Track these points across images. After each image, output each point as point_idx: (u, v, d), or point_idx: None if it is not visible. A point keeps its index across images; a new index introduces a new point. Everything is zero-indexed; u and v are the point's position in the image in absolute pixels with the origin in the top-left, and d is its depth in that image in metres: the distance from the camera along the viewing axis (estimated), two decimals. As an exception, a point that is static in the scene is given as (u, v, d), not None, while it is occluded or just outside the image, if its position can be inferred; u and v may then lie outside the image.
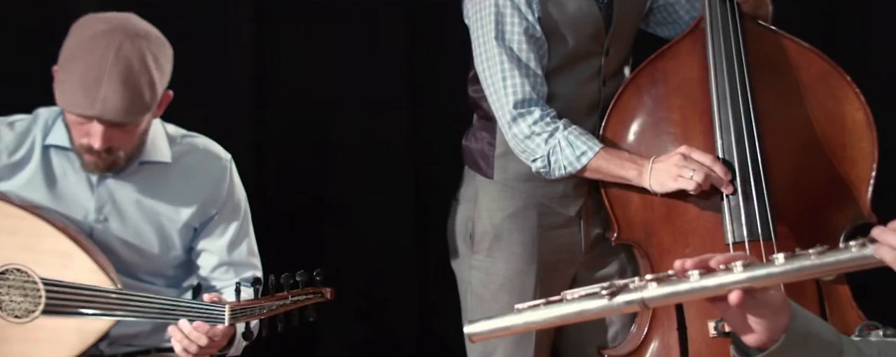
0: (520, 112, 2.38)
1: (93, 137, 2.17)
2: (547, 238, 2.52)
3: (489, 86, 2.41)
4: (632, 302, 1.37)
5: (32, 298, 2.24)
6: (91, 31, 2.16)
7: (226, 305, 2.20)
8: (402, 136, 3.09)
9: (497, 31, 2.37)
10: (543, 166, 2.40)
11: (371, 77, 3.05)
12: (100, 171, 2.24)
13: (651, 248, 2.47)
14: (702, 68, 2.46)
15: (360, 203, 3.08)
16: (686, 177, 2.35)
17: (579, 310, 1.36)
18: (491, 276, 2.52)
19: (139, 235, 2.34)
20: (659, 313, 2.47)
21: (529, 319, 1.35)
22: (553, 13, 2.40)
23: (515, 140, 2.41)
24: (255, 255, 2.45)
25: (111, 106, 2.12)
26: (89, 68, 2.13)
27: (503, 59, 2.37)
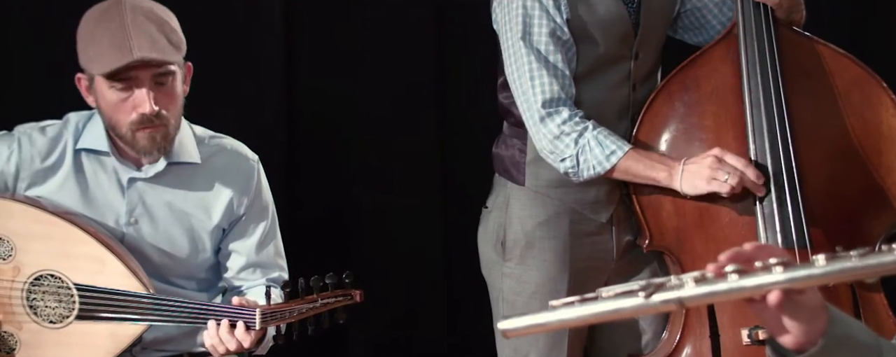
0: (548, 111, 2.34)
1: (141, 103, 2.17)
2: (579, 245, 2.48)
3: (517, 87, 2.38)
4: (669, 301, 1.31)
5: (67, 304, 2.23)
6: (97, 11, 2.21)
7: (256, 309, 2.18)
8: (431, 142, 3.07)
9: (524, 32, 2.34)
10: (572, 166, 2.36)
11: (399, 83, 3.04)
12: (157, 147, 2.23)
13: (683, 254, 2.42)
14: (735, 74, 2.41)
15: (389, 208, 3.06)
16: (720, 179, 2.30)
17: (615, 308, 1.31)
18: (523, 283, 2.48)
19: (170, 238, 2.33)
20: (691, 321, 2.42)
21: (564, 317, 1.30)
22: (582, 15, 2.36)
23: (544, 140, 2.36)
24: (281, 256, 2.44)
25: (146, 45, 2.15)
26: (112, 32, 2.16)
27: (531, 60, 2.34)
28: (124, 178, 2.30)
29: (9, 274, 2.24)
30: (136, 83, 2.18)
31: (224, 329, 2.16)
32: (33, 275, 2.24)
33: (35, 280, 2.24)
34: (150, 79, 2.18)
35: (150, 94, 2.17)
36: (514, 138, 2.51)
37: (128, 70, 2.16)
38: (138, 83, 2.17)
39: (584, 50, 2.39)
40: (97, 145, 2.28)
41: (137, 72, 2.17)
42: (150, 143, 2.21)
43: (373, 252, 3.03)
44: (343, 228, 3.03)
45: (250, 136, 2.45)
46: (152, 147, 2.22)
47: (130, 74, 2.17)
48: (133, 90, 2.18)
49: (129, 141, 2.22)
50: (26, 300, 2.24)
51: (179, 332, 2.35)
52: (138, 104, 2.18)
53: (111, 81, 2.18)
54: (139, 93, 2.17)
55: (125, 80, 2.17)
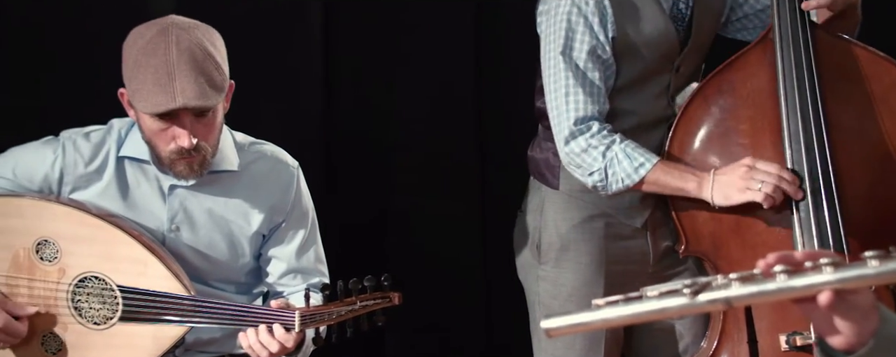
0: (579, 129, 2.30)
1: (180, 137, 2.15)
2: (614, 248, 2.43)
3: (552, 99, 2.34)
4: (715, 301, 1.25)
5: (110, 305, 2.22)
6: (144, 38, 2.16)
7: (296, 311, 2.15)
8: (470, 146, 3.04)
9: (565, 46, 2.30)
10: (600, 180, 2.31)
11: (438, 87, 3.01)
12: (195, 174, 2.21)
13: (720, 260, 2.37)
14: (771, 78, 2.36)
15: (427, 212, 3.03)
16: (754, 188, 2.24)
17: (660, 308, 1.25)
18: (558, 286, 2.44)
19: (210, 244, 2.31)
20: (729, 326, 2.36)
21: (607, 316, 1.25)
22: (629, 33, 2.32)
23: (570, 155, 2.32)
24: (322, 261, 2.41)
25: (190, 93, 2.11)
26: (158, 69, 2.12)
27: (568, 75, 2.30)
28: (165, 185, 2.29)
29: (54, 276, 2.23)
30: (177, 120, 2.15)
31: (263, 333, 2.13)
32: (78, 277, 2.23)
33: (80, 282, 2.23)
34: (190, 115, 2.15)
35: (189, 131, 2.14)
36: (548, 142, 2.46)
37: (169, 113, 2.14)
38: (180, 121, 2.15)
39: (626, 65, 2.34)
40: (139, 154, 2.27)
41: (179, 111, 2.14)
42: (187, 170, 2.21)
43: (410, 256, 3.00)
44: (381, 232, 3.01)
45: (289, 141, 2.43)
46: (190, 174, 2.22)
47: (172, 113, 2.14)
48: (173, 124, 2.16)
49: (166, 165, 2.21)
50: (71, 302, 2.23)
51: (221, 334, 2.33)
52: (178, 136, 2.16)
53: (152, 116, 2.16)
54: (180, 129, 2.15)
55: (166, 117, 2.15)
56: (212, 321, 2.19)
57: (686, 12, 2.38)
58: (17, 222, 2.24)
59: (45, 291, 2.24)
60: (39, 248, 2.23)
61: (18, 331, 2.18)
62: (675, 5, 2.37)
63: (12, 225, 2.24)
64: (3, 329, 2.16)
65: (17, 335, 2.18)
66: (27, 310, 2.20)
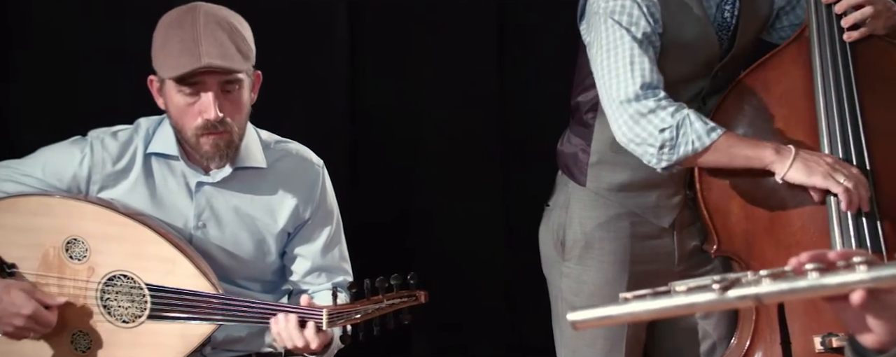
0: (645, 93, 2.19)
1: (206, 110, 2.15)
2: (640, 248, 2.39)
3: (612, 70, 2.21)
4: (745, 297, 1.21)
5: (139, 303, 2.21)
6: (172, 16, 2.20)
7: (323, 309, 2.13)
8: (494, 144, 3.02)
9: (629, 23, 2.21)
10: (671, 138, 2.16)
11: (462, 85, 2.99)
12: (220, 153, 2.20)
13: (752, 260, 2.31)
14: (806, 78, 2.31)
15: (452, 211, 3.02)
16: (839, 180, 2.17)
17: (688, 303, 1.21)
18: (581, 283, 2.41)
19: (236, 242, 2.30)
20: (761, 326, 2.32)
21: (634, 310, 1.22)
22: (671, 35, 2.27)
23: (635, 117, 2.18)
24: (346, 260, 2.40)
25: (215, 53, 2.13)
26: (184, 37, 2.14)
27: (634, 46, 2.20)
28: (192, 182, 2.28)
29: (83, 274, 2.23)
30: (203, 88, 2.15)
31: (292, 323, 2.11)
32: (107, 275, 2.22)
33: (108, 280, 2.22)
34: (217, 85, 2.15)
35: (215, 101, 2.15)
36: (578, 138, 2.43)
37: (195, 75, 2.14)
38: (205, 88, 2.15)
39: (665, 66, 2.29)
40: (167, 150, 2.27)
41: (205, 77, 2.15)
42: (213, 148, 2.19)
43: (435, 254, 2.99)
44: (406, 231, 3.00)
45: (314, 139, 2.42)
46: (215, 153, 2.20)
47: (198, 79, 2.15)
48: (200, 95, 2.16)
49: (193, 145, 2.21)
50: (100, 300, 2.22)
51: (248, 333, 2.31)
52: (204, 109, 2.16)
53: (180, 85, 2.16)
54: (205, 98, 2.16)
55: (193, 85, 2.15)
56: (239, 319, 2.18)
57: (731, 21, 2.34)
58: (47, 221, 2.24)
59: (75, 290, 2.23)
60: (69, 246, 2.23)
61: (48, 320, 2.18)
62: (720, 13, 2.32)
63: (42, 224, 2.24)
64: (33, 316, 2.16)
65: (47, 324, 2.18)
66: (57, 300, 2.20)
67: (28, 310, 2.15)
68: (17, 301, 2.15)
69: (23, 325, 2.16)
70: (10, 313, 2.15)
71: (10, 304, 2.15)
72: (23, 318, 2.15)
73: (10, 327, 2.16)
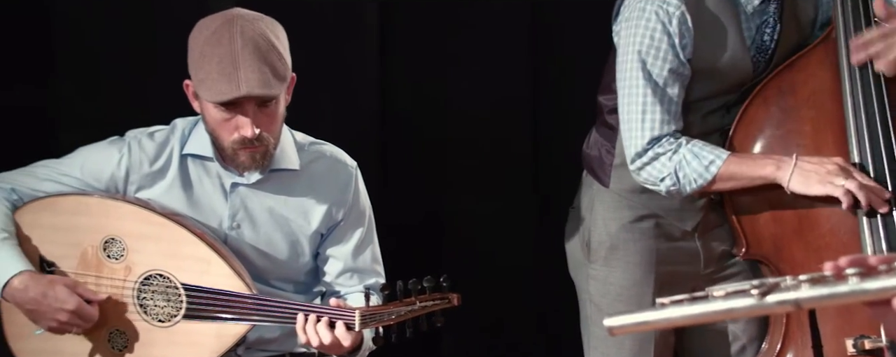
0: (650, 145, 2.26)
1: (243, 127, 2.15)
2: (665, 249, 2.38)
3: (626, 113, 2.28)
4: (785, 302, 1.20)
5: (174, 303, 2.22)
6: (209, 29, 2.18)
7: (356, 311, 2.13)
8: (525, 145, 3.01)
9: (646, 62, 2.24)
10: (673, 184, 2.26)
11: (492, 86, 2.99)
12: (257, 165, 2.21)
13: (781, 263, 2.30)
14: (834, 79, 2.29)
15: (482, 212, 3.01)
16: (837, 184, 2.17)
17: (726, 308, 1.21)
18: (607, 285, 2.40)
19: (270, 242, 2.31)
20: (792, 329, 2.30)
21: (671, 315, 1.21)
22: (703, 58, 2.27)
23: (640, 169, 2.28)
24: (378, 262, 2.39)
25: (254, 82, 2.12)
26: (222, 58, 2.13)
27: (647, 92, 2.24)
28: (227, 183, 2.29)
29: (121, 273, 2.24)
30: (240, 109, 2.16)
31: (322, 324, 2.11)
32: (144, 274, 2.23)
33: (145, 279, 2.23)
34: (253, 104, 2.16)
35: (252, 120, 2.15)
36: (602, 139, 2.42)
37: (233, 101, 2.14)
38: (243, 110, 2.16)
39: (697, 85, 2.30)
40: (202, 151, 2.27)
41: (243, 101, 2.15)
42: (249, 161, 2.20)
43: (465, 255, 2.98)
44: (436, 232, 2.99)
45: (344, 140, 2.42)
46: (252, 165, 2.21)
47: (235, 101, 2.15)
48: (237, 113, 2.16)
49: (230, 156, 2.22)
50: (137, 299, 2.24)
51: (281, 333, 2.31)
52: (241, 127, 2.16)
53: (216, 105, 2.17)
54: (243, 118, 2.16)
55: (230, 106, 2.16)
56: (273, 320, 2.18)
57: (770, 44, 2.32)
58: (85, 220, 2.25)
59: (112, 289, 2.25)
60: (107, 245, 2.24)
61: (90, 315, 2.19)
62: (760, 36, 2.31)
63: (80, 223, 2.25)
64: (76, 311, 2.17)
65: (90, 319, 2.20)
66: (98, 295, 2.22)
67: (71, 305, 2.16)
68: (60, 296, 2.17)
69: (66, 319, 2.18)
70: (54, 308, 2.17)
71: (54, 299, 2.17)
72: (66, 313, 2.17)
73: (55, 322, 2.18)
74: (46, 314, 2.18)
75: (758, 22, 2.31)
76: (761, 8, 2.29)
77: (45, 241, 2.26)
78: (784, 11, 2.31)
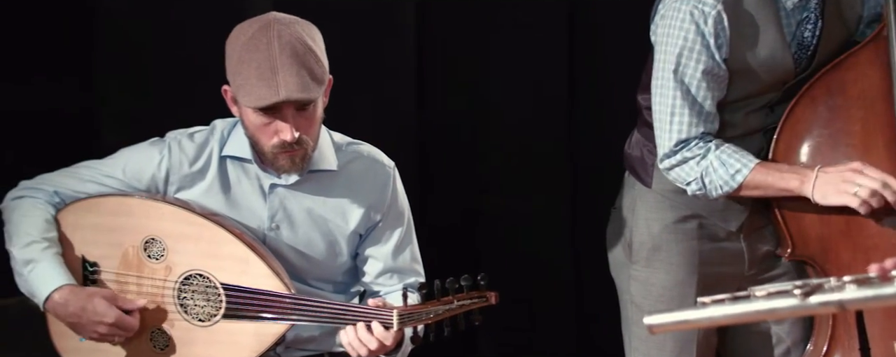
0: (677, 147, 2.24)
1: (283, 131, 2.16)
2: (708, 250, 2.35)
3: (657, 113, 2.27)
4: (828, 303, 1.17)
5: (214, 303, 2.23)
6: (246, 34, 2.18)
7: (394, 310, 2.13)
8: (562, 145, 3.00)
9: (677, 64, 2.22)
10: (699, 188, 2.25)
11: (530, 85, 2.97)
12: (296, 168, 2.22)
13: (828, 264, 2.26)
14: (884, 78, 2.25)
15: (519, 211, 3.01)
16: (850, 192, 2.13)
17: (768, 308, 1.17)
18: (649, 286, 2.37)
19: (309, 243, 2.31)
20: (839, 332, 2.26)
21: (712, 315, 1.18)
22: (742, 57, 2.23)
23: (667, 168, 2.27)
24: (418, 261, 2.39)
25: (293, 86, 2.13)
26: (261, 63, 2.14)
27: (676, 95, 2.22)
28: (266, 184, 2.29)
29: (161, 273, 2.25)
30: (279, 114, 2.16)
31: (362, 330, 2.11)
32: (184, 274, 2.24)
33: (185, 279, 2.24)
34: (292, 108, 2.16)
35: (291, 124, 2.15)
36: (644, 139, 2.39)
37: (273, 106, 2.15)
38: (282, 115, 2.16)
39: (737, 84, 2.26)
40: (241, 153, 2.28)
41: (282, 105, 2.15)
42: (289, 164, 2.21)
43: (502, 254, 2.97)
44: (473, 232, 2.98)
45: (381, 141, 2.42)
46: (292, 168, 2.22)
47: (275, 106, 2.15)
48: (276, 118, 2.17)
49: (270, 160, 2.22)
50: (177, 299, 2.25)
51: (320, 332, 2.31)
52: (280, 131, 2.17)
53: (256, 110, 2.17)
54: (282, 122, 2.16)
55: (269, 111, 2.16)
56: (311, 319, 2.18)
57: (812, 40, 2.28)
58: (127, 221, 2.27)
59: (153, 288, 2.26)
60: (147, 246, 2.25)
61: (131, 325, 2.21)
62: (801, 32, 2.27)
63: (122, 223, 2.27)
64: (116, 324, 2.19)
65: (130, 329, 2.22)
66: (137, 303, 2.23)
67: (111, 318, 2.19)
68: (100, 309, 2.19)
69: (106, 332, 2.20)
70: (94, 322, 2.19)
71: (93, 312, 2.19)
72: (106, 326, 2.19)
73: (95, 334, 2.21)
74: (87, 327, 2.20)
75: (798, 18, 2.26)
76: (801, 4, 2.25)
77: (87, 241, 2.28)
78: (826, 7, 2.26)
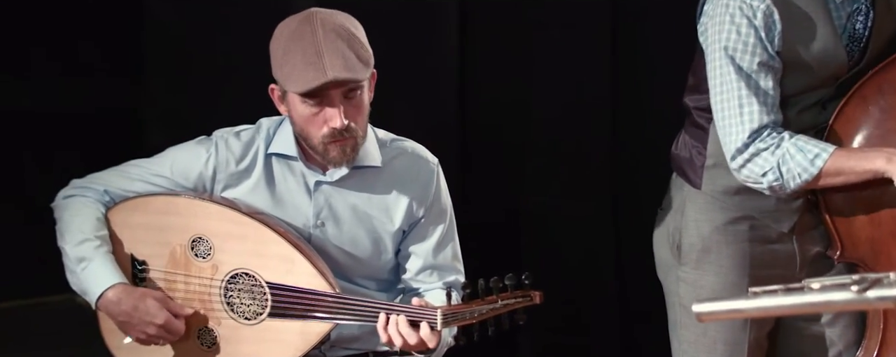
0: (751, 138, 2.18)
1: (332, 119, 2.16)
2: (760, 252, 2.30)
3: (722, 110, 2.21)
4: (886, 298, 1.13)
5: (260, 301, 2.23)
6: (290, 28, 2.20)
7: (437, 310, 2.11)
8: (604, 145, 2.97)
9: (735, 56, 2.18)
10: (776, 179, 2.17)
11: (572, 86, 2.96)
12: (347, 158, 2.21)
13: (878, 267, 2.20)
14: (938, 78, 2.18)
15: (561, 211, 2.99)
16: None
17: (822, 301, 1.14)
18: (699, 288, 2.33)
19: (354, 240, 2.30)
20: (890, 335, 2.20)
21: (762, 305, 1.15)
22: (793, 51, 2.19)
23: (741, 164, 2.20)
24: (458, 259, 2.37)
25: (339, 66, 2.13)
26: (306, 50, 2.15)
27: (741, 86, 2.17)
28: (311, 181, 2.29)
29: (208, 272, 2.26)
30: (327, 100, 2.17)
31: (404, 324, 2.09)
32: (230, 273, 2.25)
33: (231, 278, 2.25)
34: (340, 94, 2.16)
35: (340, 110, 2.16)
36: (693, 140, 2.35)
37: (321, 88, 2.15)
38: (330, 100, 2.17)
39: (790, 79, 2.22)
40: (287, 150, 2.28)
41: (329, 89, 2.16)
42: (340, 154, 2.20)
43: (544, 254, 2.95)
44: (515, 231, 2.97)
45: (424, 139, 2.41)
46: (343, 159, 2.21)
47: (323, 91, 2.16)
48: (324, 105, 2.17)
49: (320, 152, 2.22)
50: (224, 297, 2.25)
51: (364, 331, 2.30)
52: (330, 119, 2.17)
53: (304, 97, 2.17)
54: (331, 109, 2.17)
55: (317, 96, 2.16)
56: (355, 318, 2.17)
57: (863, 32, 2.23)
58: (174, 220, 2.27)
59: (200, 287, 2.26)
60: (194, 245, 2.26)
61: (178, 329, 2.23)
62: (852, 24, 2.22)
63: (170, 222, 2.28)
64: (164, 326, 2.21)
65: (176, 333, 2.23)
66: (186, 310, 2.25)
67: (160, 320, 2.20)
68: (151, 310, 2.20)
69: (155, 333, 2.21)
70: (144, 322, 2.20)
71: (144, 312, 2.20)
72: (155, 327, 2.21)
73: (143, 335, 2.22)
74: (136, 326, 2.21)
75: (849, 10, 2.21)
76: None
77: (136, 240, 2.29)
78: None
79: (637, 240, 2.52)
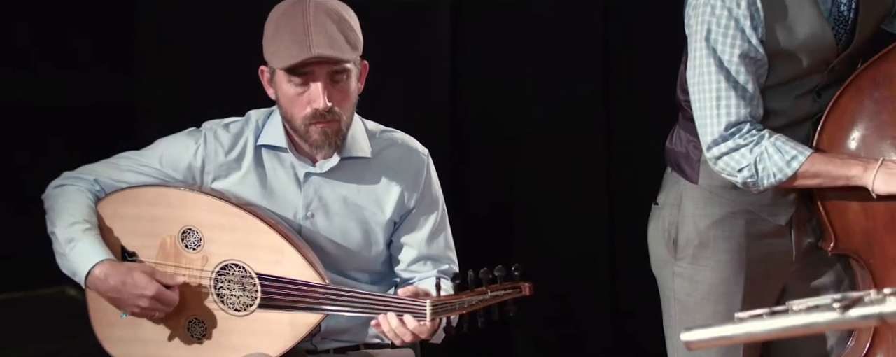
0: (730, 132, 2.16)
1: (315, 100, 2.16)
2: (756, 246, 2.27)
3: (700, 101, 2.19)
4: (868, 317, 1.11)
5: (249, 292, 2.21)
6: (283, 8, 2.21)
7: (427, 301, 2.10)
8: (597, 138, 2.96)
9: (715, 48, 2.15)
10: (751, 175, 2.16)
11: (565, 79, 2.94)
12: (329, 142, 2.20)
13: (873, 259, 2.19)
14: (931, 71, 2.15)
15: (554, 204, 2.98)
16: None
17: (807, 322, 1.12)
18: (695, 284, 2.30)
19: (344, 231, 2.29)
20: (882, 329, 2.17)
21: (750, 330, 1.13)
22: (780, 37, 2.15)
23: (717, 157, 2.19)
24: (451, 248, 2.36)
25: (325, 43, 2.14)
26: (295, 27, 2.16)
27: (719, 79, 2.15)
28: (301, 173, 2.28)
29: (198, 263, 2.24)
30: (312, 78, 2.16)
31: (393, 321, 2.09)
32: (220, 264, 2.23)
33: (221, 269, 2.23)
34: (326, 75, 2.16)
35: (324, 90, 2.15)
36: (689, 134, 2.32)
37: (306, 65, 2.15)
38: (315, 78, 2.16)
39: (777, 67, 2.19)
40: (276, 141, 2.27)
41: (315, 68, 2.15)
42: (321, 137, 2.19)
43: (536, 247, 2.96)
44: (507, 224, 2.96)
45: (415, 132, 2.39)
46: (324, 141, 2.20)
47: (308, 70, 2.15)
48: (310, 85, 2.17)
49: (302, 134, 2.21)
50: (214, 288, 2.24)
51: (354, 323, 2.29)
52: (313, 99, 2.16)
53: (290, 75, 2.17)
54: (315, 88, 2.16)
55: (303, 75, 2.16)
56: (343, 309, 2.16)
57: (849, 15, 2.19)
58: (164, 211, 2.26)
59: (190, 278, 2.25)
60: (184, 236, 2.25)
61: (171, 299, 2.21)
62: (836, 7, 2.19)
63: (160, 214, 2.26)
64: (156, 296, 2.19)
65: (170, 303, 2.21)
66: (176, 279, 2.23)
67: (151, 291, 2.18)
68: (140, 283, 2.19)
69: (148, 305, 2.20)
70: (135, 295, 2.19)
71: (133, 286, 2.18)
72: (147, 299, 2.19)
73: (136, 308, 2.21)
74: (128, 301, 2.20)
75: None
76: None
77: (126, 231, 2.27)
78: None
79: (630, 232, 2.51)
